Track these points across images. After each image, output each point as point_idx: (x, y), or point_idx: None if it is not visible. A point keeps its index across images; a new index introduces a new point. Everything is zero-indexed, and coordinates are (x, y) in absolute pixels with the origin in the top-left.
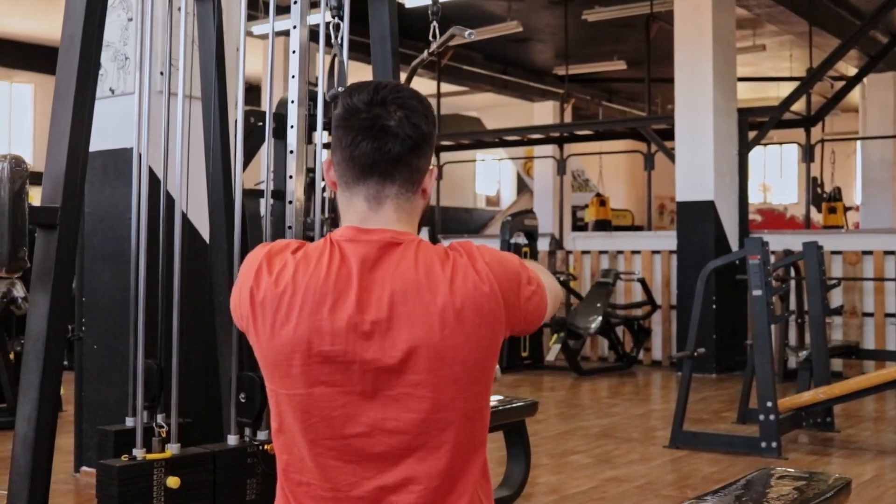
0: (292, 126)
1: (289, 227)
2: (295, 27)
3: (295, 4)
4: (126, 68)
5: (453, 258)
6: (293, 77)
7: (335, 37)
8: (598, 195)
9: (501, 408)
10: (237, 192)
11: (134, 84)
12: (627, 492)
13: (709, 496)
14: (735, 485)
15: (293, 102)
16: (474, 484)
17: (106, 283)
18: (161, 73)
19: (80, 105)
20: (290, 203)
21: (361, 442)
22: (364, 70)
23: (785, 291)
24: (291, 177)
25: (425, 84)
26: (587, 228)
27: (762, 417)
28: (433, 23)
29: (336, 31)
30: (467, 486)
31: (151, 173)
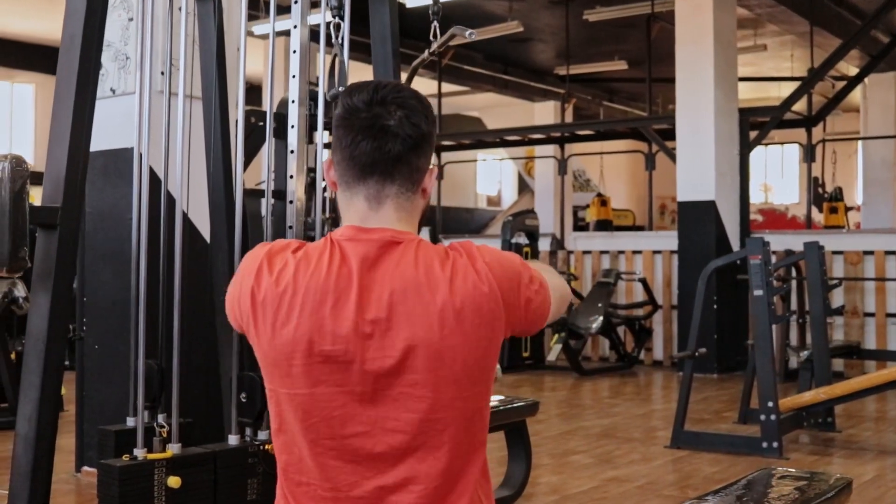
0: (293, 126)
1: (289, 227)
2: (295, 27)
3: (295, 4)
4: (127, 68)
5: (453, 258)
6: (294, 77)
7: (336, 37)
8: (600, 195)
9: (502, 408)
10: (238, 192)
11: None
12: (628, 492)
13: (710, 496)
14: (736, 485)
15: (294, 102)
16: (474, 484)
17: (107, 283)
18: (162, 73)
19: (81, 105)
20: (291, 203)
21: (361, 441)
22: (365, 70)
23: (786, 291)
24: (292, 176)
25: (426, 84)
26: (588, 228)
27: (763, 417)
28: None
29: (337, 31)
30: (467, 486)
31: (152, 173)
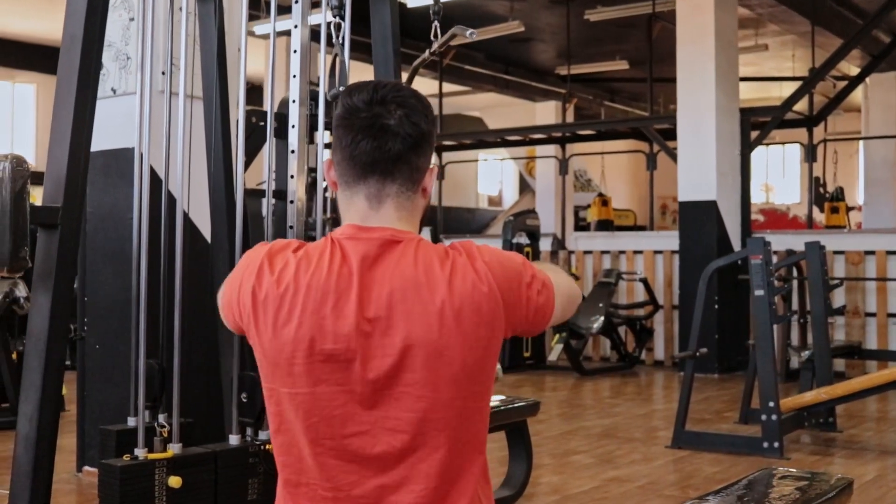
0: (294, 126)
1: (290, 227)
2: (296, 27)
3: (296, 4)
4: (128, 68)
5: (453, 257)
6: (294, 77)
7: (336, 36)
8: (601, 195)
9: (503, 408)
10: (239, 192)
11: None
12: (629, 492)
13: (711, 496)
14: (737, 485)
15: (294, 102)
16: (474, 484)
17: (108, 283)
18: (163, 73)
19: (82, 105)
20: (292, 203)
21: (361, 441)
22: (365, 70)
23: (787, 291)
24: (293, 176)
25: (427, 84)
26: (589, 228)
27: (764, 417)
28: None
29: (337, 31)
30: (467, 486)
31: (153, 173)
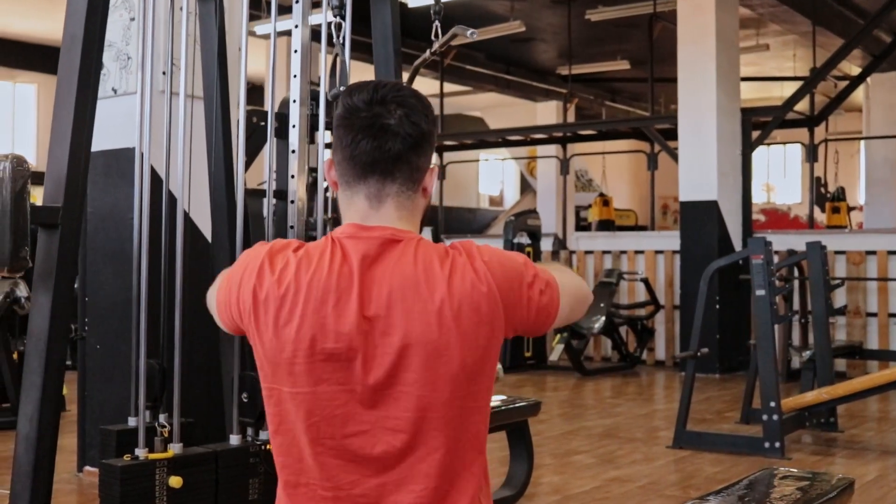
0: (294, 126)
1: (291, 227)
2: (297, 27)
3: (297, 4)
4: (128, 68)
5: (452, 257)
6: (295, 77)
7: (337, 36)
8: (602, 195)
9: (504, 407)
10: (239, 192)
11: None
12: (630, 492)
13: (712, 496)
14: (738, 485)
15: (295, 102)
16: (475, 484)
17: (108, 283)
18: (163, 73)
19: (82, 105)
20: (293, 203)
21: (362, 441)
22: (366, 70)
23: (788, 291)
24: (293, 176)
25: (428, 84)
26: (590, 228)
27: (765, 417)
28: (435, 22)
29: (338, 31)
30: (467, 486)
31: (154, 173)
